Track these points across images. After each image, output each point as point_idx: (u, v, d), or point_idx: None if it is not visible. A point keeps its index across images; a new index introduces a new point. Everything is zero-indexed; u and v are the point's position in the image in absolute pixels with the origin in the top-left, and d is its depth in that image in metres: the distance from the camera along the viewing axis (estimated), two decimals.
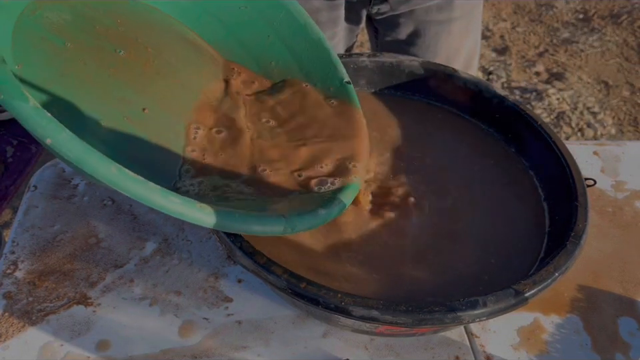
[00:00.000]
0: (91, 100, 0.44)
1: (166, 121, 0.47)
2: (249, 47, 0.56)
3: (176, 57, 0.52)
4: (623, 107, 1.73)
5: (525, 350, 0.49)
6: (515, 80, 1.84)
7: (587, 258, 0.56)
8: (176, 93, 0.50)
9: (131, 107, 0.45)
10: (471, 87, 0.59)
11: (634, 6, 2.14)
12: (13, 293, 0.52)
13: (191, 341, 0.48)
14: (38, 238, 0.56)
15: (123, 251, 0.55)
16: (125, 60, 0.48)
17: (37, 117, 0.32)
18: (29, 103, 0.31)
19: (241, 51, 0.56)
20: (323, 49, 0.55)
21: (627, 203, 0.62)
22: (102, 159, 0.33)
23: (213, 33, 0.56)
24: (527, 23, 2.09)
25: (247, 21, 0.55)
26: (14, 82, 0.32)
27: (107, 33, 0.49)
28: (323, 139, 0.50)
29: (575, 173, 0.50)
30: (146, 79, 0.48)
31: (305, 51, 0.55)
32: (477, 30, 0.83)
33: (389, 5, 0.75)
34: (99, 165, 0.32)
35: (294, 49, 0.55)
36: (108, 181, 0.33)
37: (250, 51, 0.56)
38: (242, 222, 0.38)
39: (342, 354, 0.48)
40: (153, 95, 0.48)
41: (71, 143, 0.32)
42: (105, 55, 0.47)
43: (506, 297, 0.41)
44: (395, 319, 0.39)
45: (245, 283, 0.53)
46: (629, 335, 0.50)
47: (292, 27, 0.55)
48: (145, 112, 0.46)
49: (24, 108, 0.31)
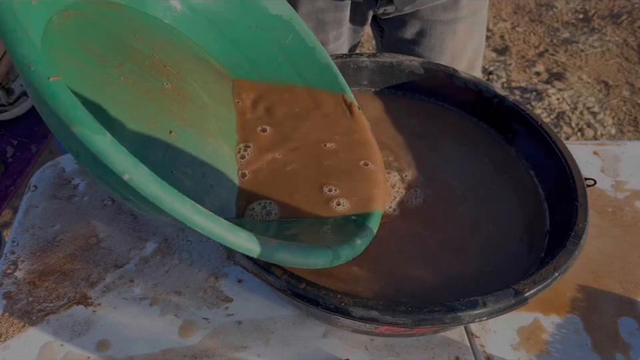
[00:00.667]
0: (125, 121, 0.42)
1: (210, 145, 0.47)
2: (258, 66, 0.56)
3: (193, 74, 0.51)
4: (623, 107, 1.73)
5: (524, 350, 0.49)
6: (515, 80, 1.84)
7: (587, 258, 0.56)
8: (209, 114, 0.49)
9: (163, 127, 0.45)
10: (471, 87, 0.59)
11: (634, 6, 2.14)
12: (13, 293, 0.52)
13: (191, 341, 0.48)
14: (38, 238, 0.56)
15: (123, 251, 0.55)
16: (149, 77, 0.47)
17: (116, 152, 0.30)
18: (107, 138, 0.30)
19: (251, 70, 0.56)
20: (331, 74, 0.55)
21: (627, 203, 0.62)
22: (181, 198, 0.32)
23: (223, 51, 0.56)
24: (527, 23, 2.09)
25: (257, 41, 0.55)
26: (90, 116, 0.31)
27: (130, 50, 0.48)
28: (345, 166, 0.51)
29: (575, 173, 0.50)
30: (172, 100, 0.47)
31: (314, 74, 0.55)
32: (482, 30, 0.83)
33: (394, 6, 0.75)
34: (176, 202, 0.32)
35: (302, 71, 0.55)
36: (184, 219, 0.33)
37: (260, 71, 0.56)
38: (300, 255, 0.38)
39: (342, 354, 0.48)
40: (186, 118, 0.47)
41: (148, 179, 0.31)
42: (132, 73, 0.46)
43: (506, 296, 0.41)
44: (394, 320, 0.39)
45: (245, 283, 0.53)
46: (629, 335, 0.50)
47: (301, 49, 0.55)
48: (173, 135, 0.45)
49: (102, 143, 0.30)
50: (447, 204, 0.52)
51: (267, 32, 0.55)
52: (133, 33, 0.48)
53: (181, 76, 0.49)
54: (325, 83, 0.55)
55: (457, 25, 0.78)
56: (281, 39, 0.55)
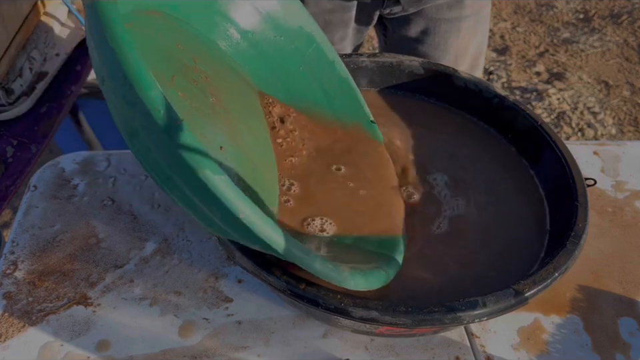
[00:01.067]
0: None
1: (250, 160, 0.47)
2: (280, 75, 0.56)
3: (229, 86, 0.51)
4: (623, 107, 1.73)
5: (524, 350, 0.49)
6: (515, 80, 1.84)
7: (587, 258, 0.56)
8: (247, 127, 0.49)
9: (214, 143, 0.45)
10: (471, 87, 0.59)
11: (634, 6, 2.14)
12: (12, 293, 0.51)
13: (191, 341, 0.48)
14: (38, 238, 0.56)
15: (122, 251, 0.55)
16: (196, 91, 0.47)
17: (234, 195, 0.32)
18: (223, 176, 0.32)
19: (273, 80, 0.56)
20: (350, 88, 0.56)
21: (627, 203, 0.62)
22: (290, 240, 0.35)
23: (248, 60, 0.56)
24: (527, 22, 2.09)
25: (279, 51, 0.55)
26: (209, 157, 0.32)
27: (177, 62, 0.47)
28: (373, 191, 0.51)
29: (575, 173, 0.50)
30: (217, 115, 0.47)
31: (333, 87, 0.56)
32: (485, 29, 0.83)
33: (401, 6, 0.75)
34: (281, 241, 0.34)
35: (322, 82, 0.56)
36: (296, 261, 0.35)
37: (282, 81, 0.56)
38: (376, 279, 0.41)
39: (342, 354, 0.48)
40: (230, 133, 0.47)
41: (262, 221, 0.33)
42: (185, 88, 0.46)
43: (506, 297, 0.41)
44: (394, 320, 0.39)
45: (245, 283, 0.53)
46: (629, 335, 0.50)
47: (321, 61, 0.56)
48: (222, 150, 0.45)
49: (219, 182, 0.32)
50: (444, 203, 0.52)
51: (290, 42, 0.55)
52: (176, 42, 0.48)
53: (220, 88, 0.49)
54: (344, 96, 0.56)
55: (461, 24, 0.78)
56: (303, 50, 0.55)
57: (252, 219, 0.32)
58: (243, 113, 0.50)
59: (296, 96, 0.56)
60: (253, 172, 0.46)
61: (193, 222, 0.58)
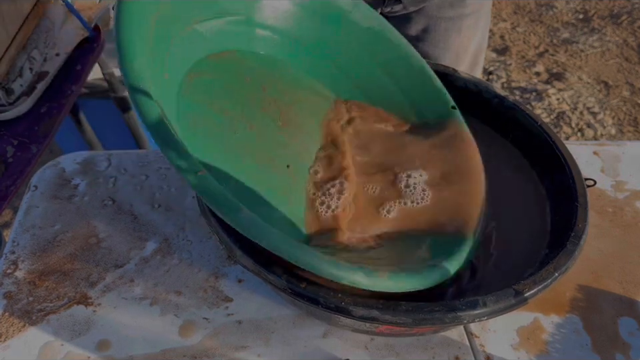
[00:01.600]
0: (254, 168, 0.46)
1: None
2: (351, 75, 0.57)
3: (299, 103, 0.52)
4: (623, 107, 1.73)
5: (524, 350, 0.49)
6: (515, 80, 1.84)
7: (587, 258, 0.56)
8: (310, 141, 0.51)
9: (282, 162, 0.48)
10: (471, 87, 0.59)
11: (634, 6, 2.14)
12: (13, 292, 0.52)
13: (191, 340, 0.48)
14: (38, 238, 0.56)
15: (123, 251, 0.55)
16: (266, 119, 0.49)
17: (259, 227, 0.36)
18: (247, 212, 0.36)
19: (348, 84, 0.57)
20: (427, 77, 0.56)
21: (627, 203, 0.62)
22: (315, 255, 0.38)
23: (319, 71, 0.56)
24: (527, 23, 2.09)
25: (349, 51, 0.56)
26: (231, 196, 0.36)
27: (245, 96, 0.49)
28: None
29: (575, 173, 0.50)
30: (285, 135, 0.50)
31: (408, 79, 0.56)
32: (486, 27, 0.83)
33: (402, 5, 0.75)
34: (310, 258, 0.38)
35: (397, 77, 0.56)
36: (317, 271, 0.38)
37: (355, 81, 0.57)
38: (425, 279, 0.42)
39: (342, 354, 0.48)
40: (297, 151, 0.50)
41: (287, 245, 0.37)
42: (253, 119, 0.48)
43: (506, 296, 0.41)
44: (395, 319, 0.39)
45: (245, 282, 0.53)
46: (629, 335, 0.50)
47: (394, 56, 0.56)
48: (290, 169, 0.48)
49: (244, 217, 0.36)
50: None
51: (359, 43, 0.56)
52: (244, 76, 0.50)
53: (289, 109, 0.51)
54: (421, 86, 0.56)
55: (462, 22, 0.78)
56: (374, 49, 0.56)
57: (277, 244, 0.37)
58: (311, 130, 0.52)
59: (370, 92, 0.56)
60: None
61: (193, 222, 0.58)
